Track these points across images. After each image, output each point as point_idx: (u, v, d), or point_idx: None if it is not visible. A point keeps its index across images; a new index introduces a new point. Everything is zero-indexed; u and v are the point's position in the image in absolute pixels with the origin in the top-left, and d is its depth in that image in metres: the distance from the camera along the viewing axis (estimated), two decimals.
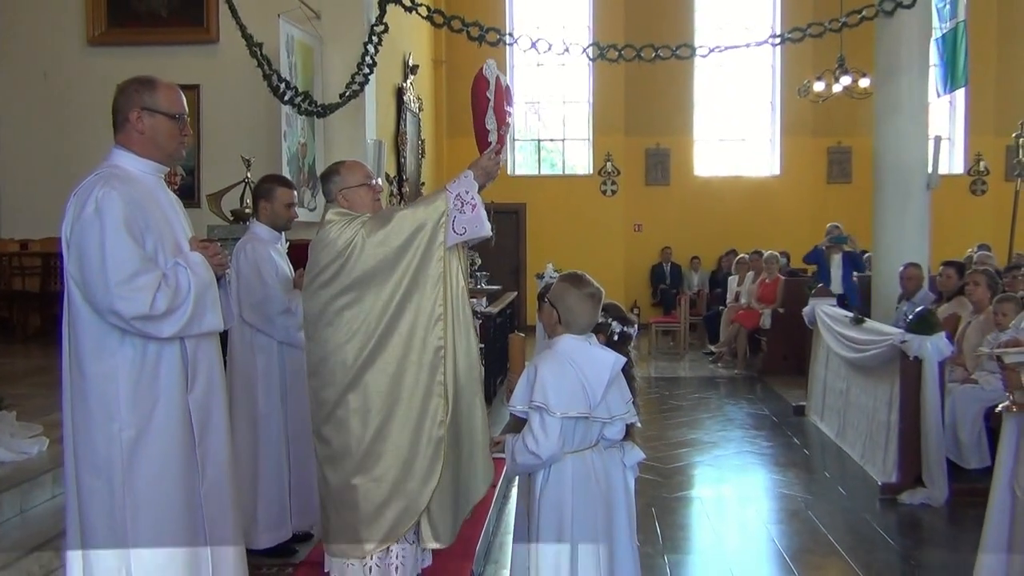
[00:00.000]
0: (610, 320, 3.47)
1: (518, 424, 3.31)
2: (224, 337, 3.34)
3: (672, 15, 16.10)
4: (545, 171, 17.43)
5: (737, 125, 17.25)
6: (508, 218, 16.05)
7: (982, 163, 16.79)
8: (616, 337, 3.48)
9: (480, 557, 4.87)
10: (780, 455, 7.65)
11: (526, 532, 3.39)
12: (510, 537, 3.91)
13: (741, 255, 13.43)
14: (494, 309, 9.89)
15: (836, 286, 10.06)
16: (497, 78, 3.72)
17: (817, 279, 10.24)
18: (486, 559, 5.04)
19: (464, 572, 4.38)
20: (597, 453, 3.34)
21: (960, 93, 14.52)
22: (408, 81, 12.96)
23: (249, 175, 8.38)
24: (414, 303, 3.57)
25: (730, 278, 13.53)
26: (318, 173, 10.03)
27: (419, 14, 9.10)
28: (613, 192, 16.87)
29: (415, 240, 3.54)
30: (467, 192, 3.55)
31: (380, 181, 3.93)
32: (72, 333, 2.90)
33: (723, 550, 5.46)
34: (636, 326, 3.58)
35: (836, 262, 10.07)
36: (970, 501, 6.01)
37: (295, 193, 4.90)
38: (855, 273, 10.57)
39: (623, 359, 3.34)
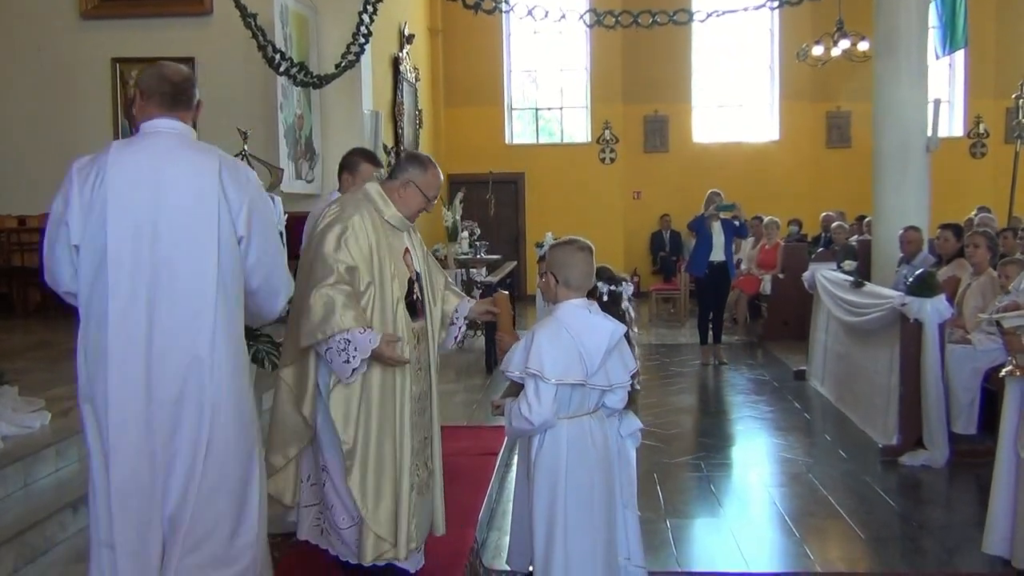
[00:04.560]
0: (597, 282, 3.47)
1: (518, 388, 3.32)
2: None
3: None
4: (543, 140, 17.34)
5: (735, 91, 17.13)
6: (507, 187, 16.00)
7: (982, 125, 16.72)
8: (605, 297, 3.48)
9: (483, 524, 4.90)
10: (781, 419, 7.68)
11: (526, 497, 3.41)
12: (512, 505, 3.92)
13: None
14: (494, 278, 9.89)
15: (718, 253, 10.01)
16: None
17: (698, 246, 10.15)
18: (489, 526, 5.07)
19: (467, 539, 4.41)
20: (596, 419, 3.35)
21: (960, 55, 14.39)
22: (404, 51, 12.87)
23: (246, 148, 8.32)
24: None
25: None
26: (315, 145, 10.04)
27: None
28: (612, 160, 16.80)
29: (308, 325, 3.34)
30: (355, 349, 3.25)
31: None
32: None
33: (725, 514, 5.48)
34: (627, 284, 3.57)
35: (717, 229, 9.98)
36: (971, 462, 6.06)
37: (379, 173, 4.72)
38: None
39: (623, 327, 3.34)
